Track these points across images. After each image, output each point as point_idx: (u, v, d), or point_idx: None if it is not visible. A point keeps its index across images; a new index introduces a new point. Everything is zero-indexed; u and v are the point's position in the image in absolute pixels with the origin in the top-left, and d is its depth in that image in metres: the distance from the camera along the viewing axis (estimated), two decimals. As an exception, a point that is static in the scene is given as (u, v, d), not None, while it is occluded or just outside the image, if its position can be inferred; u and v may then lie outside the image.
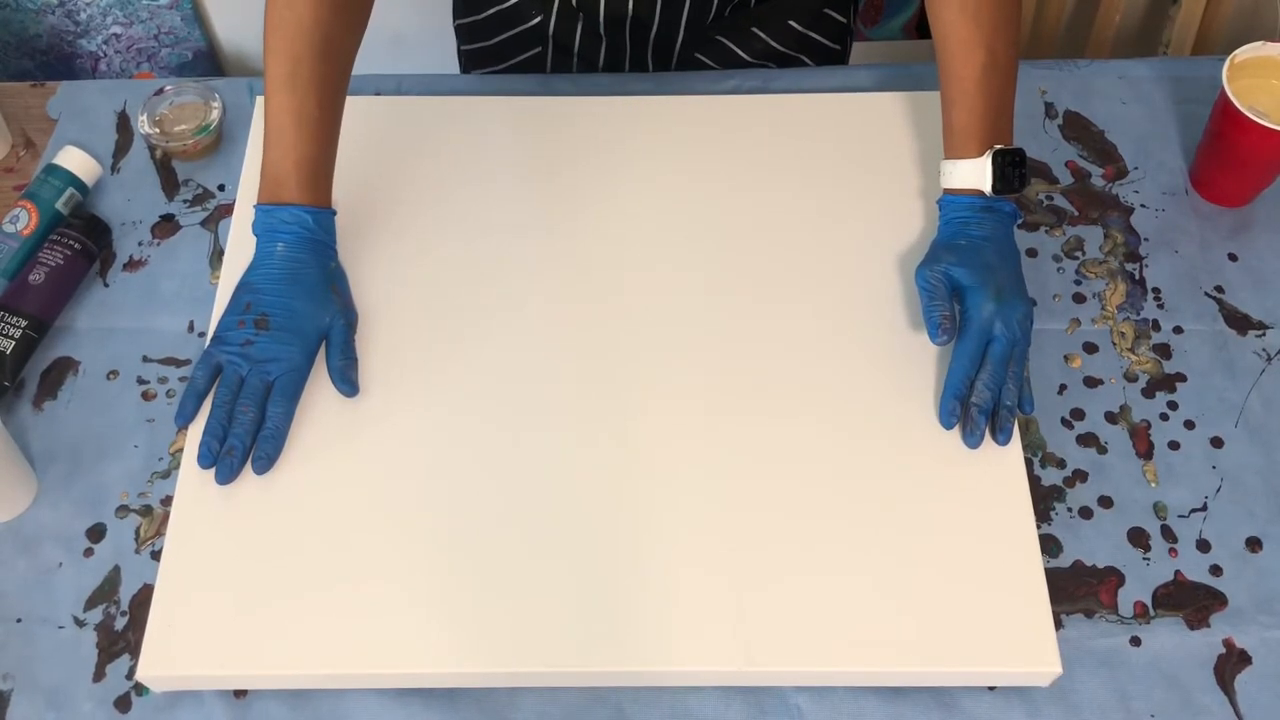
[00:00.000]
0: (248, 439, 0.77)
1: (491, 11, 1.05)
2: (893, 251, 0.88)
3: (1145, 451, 0.83)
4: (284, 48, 0.79)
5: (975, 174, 0.82)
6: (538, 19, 1.03)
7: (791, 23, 1.03)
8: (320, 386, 0.81)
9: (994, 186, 0.82)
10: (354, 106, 0.84)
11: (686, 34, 1.02)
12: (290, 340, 0.79)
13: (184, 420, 0.79)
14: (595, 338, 0.84)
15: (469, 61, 1.12)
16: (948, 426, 0.79)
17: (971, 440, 0.78)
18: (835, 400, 0.81)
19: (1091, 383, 0.86)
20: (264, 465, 0.77)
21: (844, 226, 0.89)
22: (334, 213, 0.84)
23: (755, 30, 1.03)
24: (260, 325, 0.79)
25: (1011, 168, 0.82)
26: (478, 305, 0.85)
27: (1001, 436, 0.78)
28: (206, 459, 0.77)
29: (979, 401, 0.79)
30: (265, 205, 0.81)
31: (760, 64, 1.05)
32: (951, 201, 0.84)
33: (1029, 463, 0.82)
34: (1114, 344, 0.88)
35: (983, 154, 0.82)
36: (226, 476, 0.77)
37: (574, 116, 0.95)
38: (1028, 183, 0.84)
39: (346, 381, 0.80)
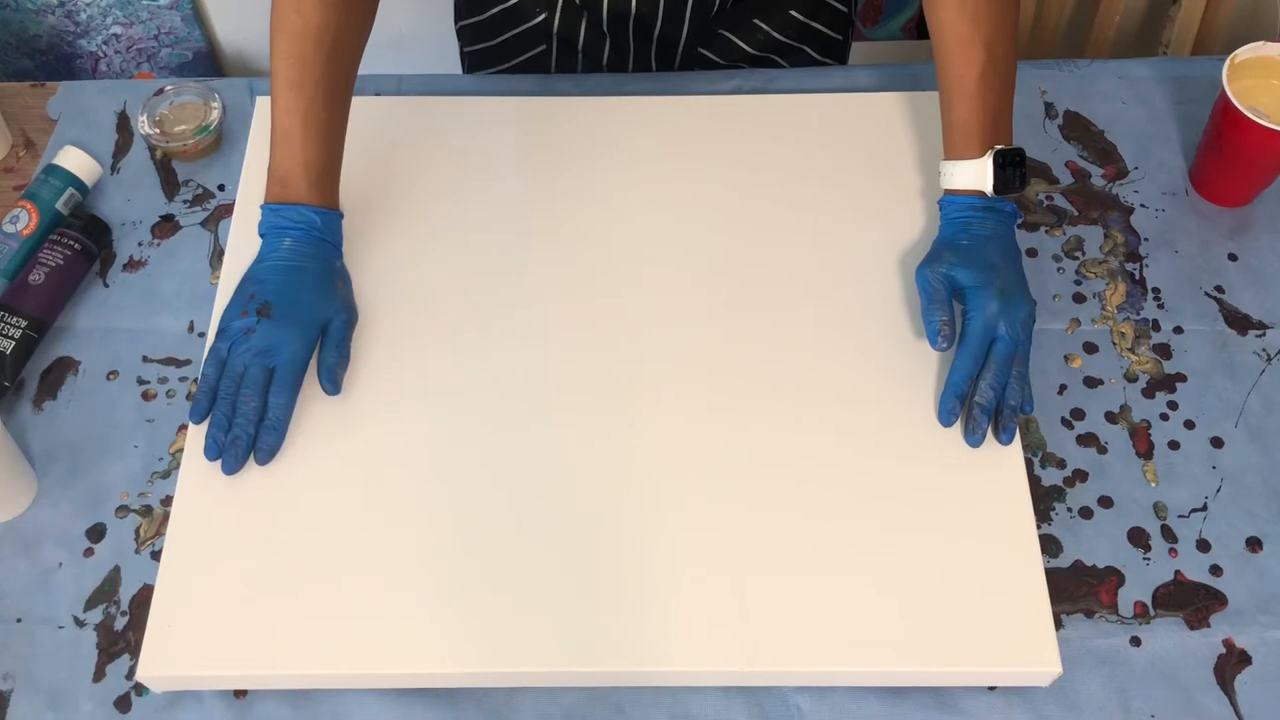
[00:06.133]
0: (251, 429, 0.78)
1: (495, 11, 1.05)
2: (893, 251, 0.88)
3: (1145, 451, 0.83)
4: (291, 49, 0.79)
5: (976, 174, 0.82)
6: (541, 17, 1.03)
7: (792, 12, 1.04)
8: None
9: (995, 186, 0.82)
10: (354, 106, 0.84)
11: (690, 30, 1.02)
12: (291, 328, 0.79)
13: (199, 416, 0.79)
14: (596, 337, 0.84)
15: (472, 63, 1.12)
16: (946, 424, 0.79)
17: (973, 439, 0.78)
18: (836, 400, 0.81)
19: (1091, 383, 0.86)
20: (265, 457, 0.78)
21: (844, 226, 0.89)
22: (341, 215, 0.84)
23: (757, 21, 1.03)
24: (263, 313, 0.79)
25: (1012, 168, 0.82)
26: (480, 304, 0.85)
27: (1005, 436, 0.78)
28: (213, 450, 0.78)
29: (982, 401, 0.79)
30: (272, 205, 0.81)
31: (763, 55, 1.06)
32: (952, 201, 0.84)
33: (1029, 463, 0.82)
34: (1114, 344, 0.88)
35: (983, 154, 0.82)
36: (233, 466, 0.77)
37: (575, 117, 0.95)
38: (1028, 182, 0.84)
39: (332, 380, 0.80)
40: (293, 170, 0.80)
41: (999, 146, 0.82)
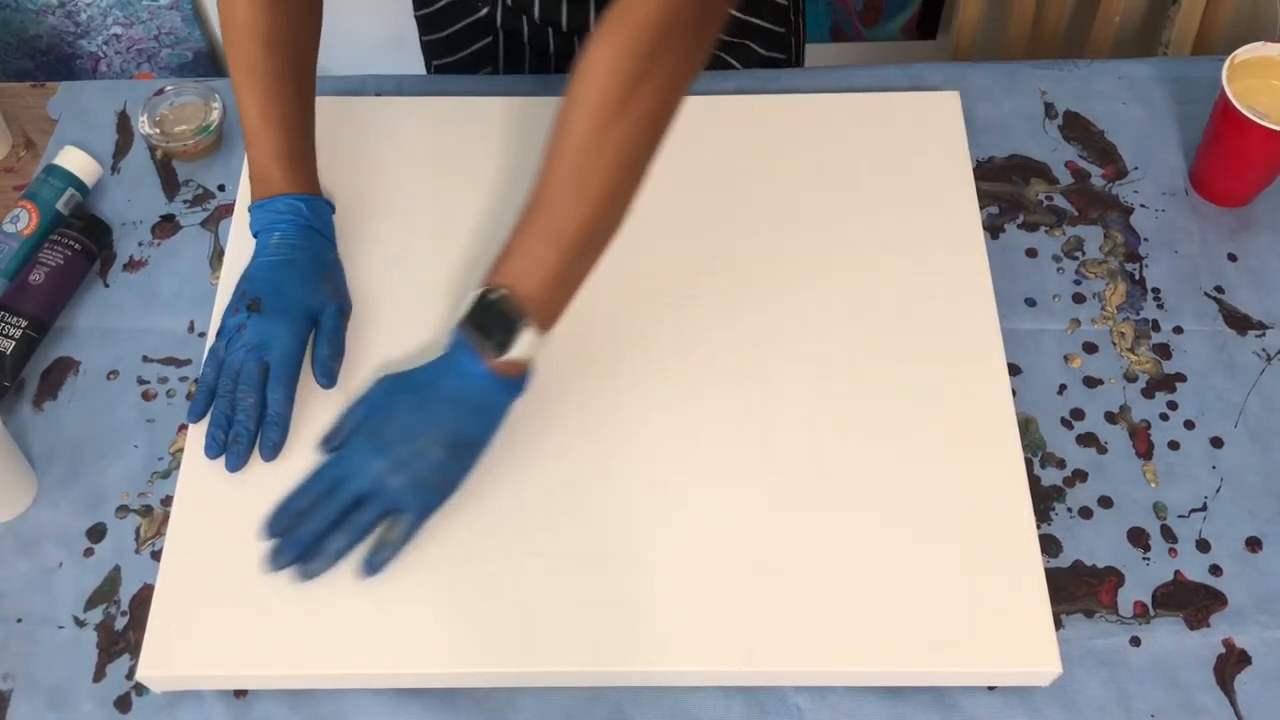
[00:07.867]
0: (252, 425, 0.78)
1: (444, 2, 1.05)
2: (893, 253, 0.88)
3: (1145, 451, 0.83)
4: (238, 46, 0.80)
5: (464, 304, 0.73)
6: (485, 10, 1.03)
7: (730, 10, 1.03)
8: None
9: (463, 324, 0.72)
10: (354, 107, 0.85)
11: None
12: (280, 321, 0.79)
13: (196, 416, 0.79)
14: (594, 336, 0.84)
15: (429, 52, 1.13)
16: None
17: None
18: (835, 401, 0.81)
19: (1091, 383, 0.86)
20: (271, 453, 0.78)
21: (843, 227, 0.89)
22: (330, 205, 0.84)
23: None
24: (253, 308, 0.79)
25: (498, 317, 0.71)
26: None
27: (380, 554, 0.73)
28: (214, 449, 0.78)
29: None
30: (258, 202, 0.81)
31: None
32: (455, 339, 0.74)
33: (1029, 463, 0.82)
34: (1114, 344, 0.88)
35: (480, 288, 0.72)
36: (236, 464, 0.77)
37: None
38: (508, 349, 0.71)
39: (326, 374, 0.80)
40: (267, 164, 0.81)
41: (502, 291, 0.71)
